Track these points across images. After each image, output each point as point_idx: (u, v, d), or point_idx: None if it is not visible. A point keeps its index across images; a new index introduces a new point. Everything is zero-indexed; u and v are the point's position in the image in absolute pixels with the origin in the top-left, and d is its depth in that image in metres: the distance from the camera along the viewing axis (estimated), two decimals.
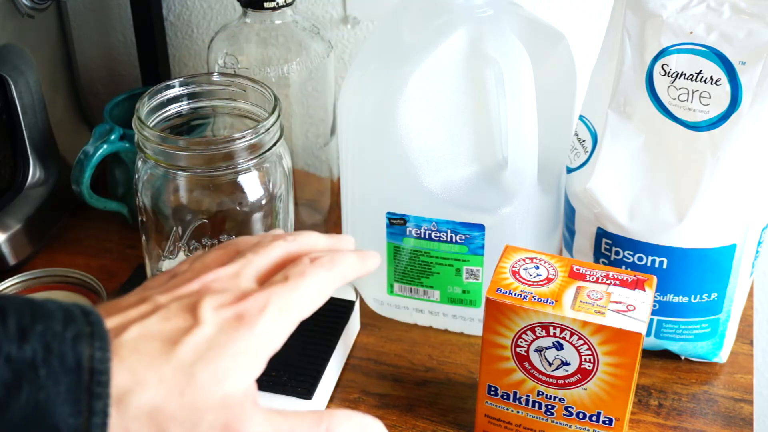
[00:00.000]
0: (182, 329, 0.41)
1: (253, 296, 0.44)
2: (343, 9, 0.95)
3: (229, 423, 0.41)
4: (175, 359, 0.40)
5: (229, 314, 0.43)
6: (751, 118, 0.63)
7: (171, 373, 0.40)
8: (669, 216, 0.66)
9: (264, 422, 0.42)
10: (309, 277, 0.46)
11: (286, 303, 0.44)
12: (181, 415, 0.40)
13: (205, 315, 0.42)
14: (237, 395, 0.41)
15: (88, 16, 1.05)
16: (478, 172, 0.71)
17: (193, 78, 0.67)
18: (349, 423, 0.45)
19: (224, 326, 0.42)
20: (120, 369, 0.39)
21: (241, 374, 0.42)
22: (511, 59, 0.67)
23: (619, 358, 0.59)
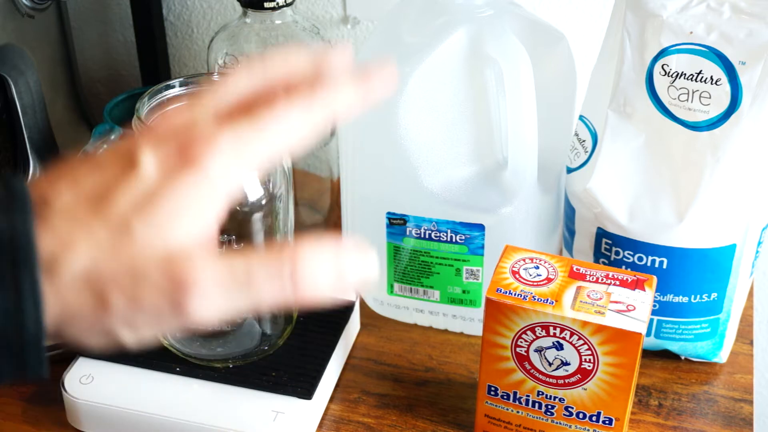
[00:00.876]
0: (118, 182, 0.36)
1: (202, 133, 0.37)
2: (343, 9, 0.95)
3: (176, 276, 0.36)
4: (110, 215, 0.36)
5: (173, 157, 0.36)
6: (751, 118, 0.63)
7: (105, 231, 0.35)
8: (669, 216, 0.66)
9: (216, 267, 0.36)
10: (278, 110, 0.38)
11: (244, 137, 0.37)
12: (121, 274, 0.35)
13: (144, 162, 0.36)
14: (182, 247, 0.36)
15: (88, 16, 1.05)
16: (478, 172, 0.71)
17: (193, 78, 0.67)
18: (319, 250, 0.38)
19: (167, 172, 0.36)
20: (47, 236, 0.35)
21: (186, 223, 0.36)
22: (511, 59, 0.67)
23: (619, 358, 0.59)
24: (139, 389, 0.67)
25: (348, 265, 0.38)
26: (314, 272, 0.37)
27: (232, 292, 0.37)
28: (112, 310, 0.36)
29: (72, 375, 0.68)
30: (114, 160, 0.37)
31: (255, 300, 0.37)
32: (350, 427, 0.69)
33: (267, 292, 0.37)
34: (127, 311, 0.36)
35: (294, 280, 0.37)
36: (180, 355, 0.69)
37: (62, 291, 0.35)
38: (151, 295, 0.36)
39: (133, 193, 0.36)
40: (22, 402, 0.71)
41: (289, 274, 0.37)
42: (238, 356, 0.69)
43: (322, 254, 0.38)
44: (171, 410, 0.66)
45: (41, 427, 0.69)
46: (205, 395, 0.67)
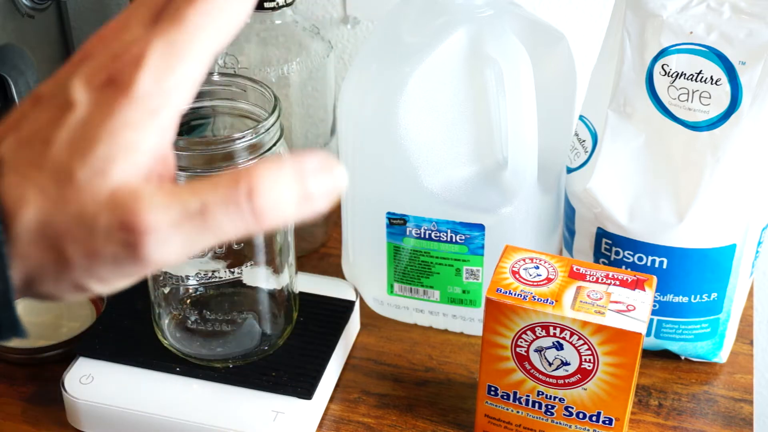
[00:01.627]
0: (54, 120, 0.33)
1: (127, 49, 0.33)
2: (343, 9, 0.95)
3: (125, 221, 0.33)
4: (51, 161, 0.33)
5: (101, 81, 0.33)
6: (751, 118, 0.63)
7: (49, 181, 0.33)
8: (669, 216, 0.66)
9: (167, 206, 0.33)
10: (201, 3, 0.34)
11: (173, 44, 0.33)
12: (72, 226, 0.33)
13: (75, 93, 0.33)
14: (128, 184, 0.33)
15: (88, 16, 1.05)
16: (478, 172, 0.71)
17: None
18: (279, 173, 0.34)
19: (98, 98, 0.33)
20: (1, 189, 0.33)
21: (126, 156, 0.33)
22: (511, 59, 0.67)
23: (619, 358, 0.59)
24: (139, 389, 0.67)
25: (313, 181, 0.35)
26: (275, 195, 0.34)
27: (190, 231, 0.34)
28: (72, 263, 0.34)
29: (72, 375, 0.68)
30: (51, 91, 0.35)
31: (215, 235, 0.34)
32: (350, 427, 0.69)
33: (226, 224, 0.34)
34: (87, 263, 0.34)
35: (254, 207, 0.34)
36: (180, 355, 0.69)
37: (22, 248, 0.33)
38: (105, 244, 0.33)
39: (68, 132, 0.33)
40: (22, 402, 0.71)
41: (248, 201, 0.33)
42: (238, 356, 0.69)
43: (282, 174, 0.34)
44: (171, 410, 0.66)
45: (41, 427, 0.69)
46: (205, 395, 0.67)
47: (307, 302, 0.73)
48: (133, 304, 0.73)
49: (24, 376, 0.73)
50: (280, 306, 0.70)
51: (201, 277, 0.66)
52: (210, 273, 0.65)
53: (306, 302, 0.73)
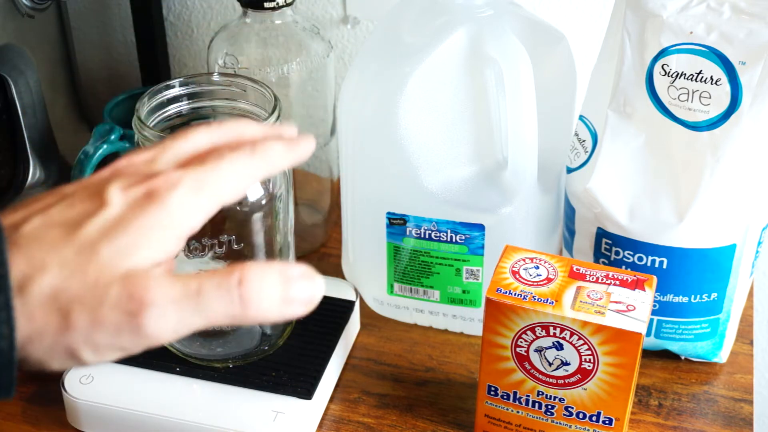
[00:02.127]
0: (87, 212, 0.40)
1: (165, 174, 0.41)
2: (343, 9, 0.95)
3: (134, 292, 0.38)
4: (78, 240, 0.39)
5: (139, 193, 0.40)
6: (751, 118, 0.63)
7: (73, 254, 0.38)
8: (669, 216, 0.66)
9: (171, 285, 0.39)
10: (228, 159, 0.43)
11: (201, 180, 0.42)
12: (85, 293, 0.38)
13: (111, 196, 0.40)
14: (142, 268, 0.39)
15: (88, 16, 1.05)
16: (478, 172, 0.71)
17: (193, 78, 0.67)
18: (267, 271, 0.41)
19: (132, 205, 0.40)
20: (19, 258, 0.38)
21: (147, 249, 0.39)
22: (511, 59, 0.67)
23: (619, 358, 0.59)
24: (139, 389, 0.67)
25: (295, 286, 0.41)
26: (261, 291, 0.40)
27: (186, 309, 0.39)
28: (74, 327, 0.38)
29: (72, 375, 0.68)
30: (83, 193, 0.41)
31: (207, 316, 0.40)
32: (350, 427, 0.69)
33: (217, 308, 0.40)
34: (89, 329, 0.38)
35: (242, 294, 0.40)
36: (180, 355, 0.69)
37: (30, 310, 0.38)
38: (111, 312, 0.38)
39: (100, 222, 0.39)
40: (22, 402, 0.71)
41: (237, 288, 0.40)
42: (238, 356, 0.69)
43: (270, 275, 0.40)
44: (171, 410, 0.66)
45: (41, 427, 0.69)
46: (205, 395, 0.67)
47: None
48: None
49: (24, 376, 0.73)
50: None
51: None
52: None
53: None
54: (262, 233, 0.65)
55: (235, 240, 0.63)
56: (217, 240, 0.63)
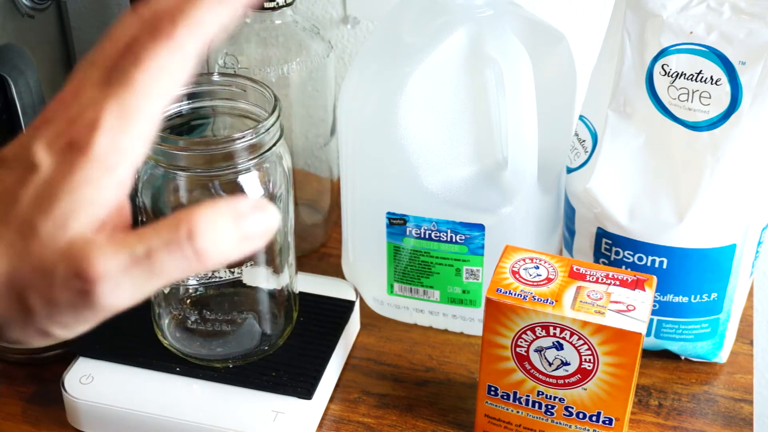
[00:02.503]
0: (19, 181, 0.36)
1: (83, 113, 0.36)
2: (343, 9, 0.95)
3: (79, 269, 0.35)
4: (16, 217, 0.36)
5: (62, 144, 0.36)
6: (751, 118, 0.63)
7: (15, 235, 0.36)
8: (669, 216, 0.66)
9: (116, 253, 0.36)
10: (146, 60, 0.36)
11: (124, 106, 0.36)
12: (34, 277, 0.36)
13: (38, 156, 0.36)
14: (82, 236, 0.36)
15: (88, 16, 1.05)
16: (478, 172, 0.71)
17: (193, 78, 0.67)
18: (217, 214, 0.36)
19: (59, 161, 0.36)
20: None
21: (83, 212, 0.36)
22: (511, 59, 0.67)
23: (619, 358, 0.59)
24: (139, 389, 0.67)
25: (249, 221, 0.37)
26: (214, 235, 0.36)
27: (138, 276, 0.36)
28: (34, 312, 0.37)
29: (72, 375, 0.68)
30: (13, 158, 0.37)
31: (162, 277, 0.36)
32: (350, 427, 0.69)
33: (171, 266, 0.36)
34: (48, 312, 0.37)
35: (195, 248, 0.36)
36: (180, 355, 0.69)
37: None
38: (62, 293, 0.36)
39: (32, 191, 0.36)
40: (22, 402, 0.71)
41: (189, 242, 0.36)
42: (238, 356, 0.69)
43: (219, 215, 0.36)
44: (171, 410, 0.66)
45: (41, 427, 0.69)
46: (205, 395, 0.67)
47: (307, 302, 0.73)
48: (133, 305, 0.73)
49: (24, 376, 0.73)
50: (280, 306, 0.70)
51: (201, 277, 0.66)
52: (210, 273, 0.65)
53: (306, 302, 0.73)
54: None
55: None
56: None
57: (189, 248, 0.36)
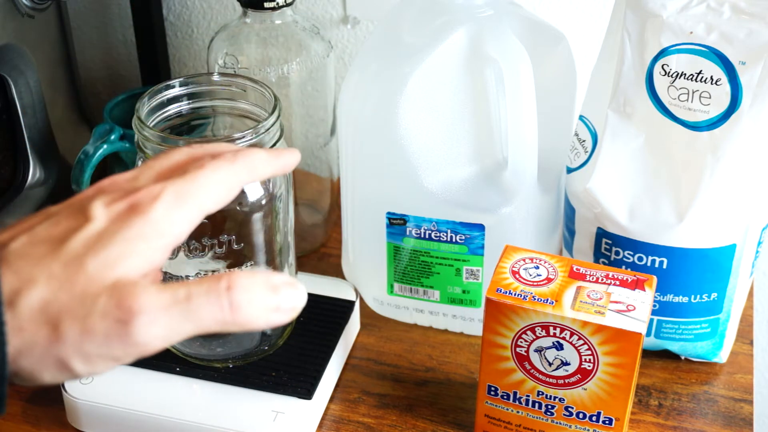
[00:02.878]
0: (71, 228, 0.41)
1: (147, 188, 0.43)
2: (343, 9, 0.95)
3: (122, 301, 0.39)
4: (64, 254, 0.40)
5: (122, 207, 0.42)
6: (751, 118, 0.63)
7: (60, 268, 0.39)
8: (669, 216, 0.66)
9: (159, 293, 0.40)
10: (208, 168, 0.45)
11: (183, 191, 0.43)
12: (73, 304, 0.39)
13: (95, 212, 0.41)
14: (129, 278, 0.40)
15: (88, 16, 1.05)
16: (478, 172, 0.71)
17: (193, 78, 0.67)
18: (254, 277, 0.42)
19: (116, 219, 0.41)
20: (7, 273, 0.39)
21: (133, 259, 0.41)
22: (511, 59, 0.67)
23: (619, 358, 0.59)
24: (139, 389, 0.67)
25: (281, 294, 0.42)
26: (250, 297, 0.41)
27: (175, 316, 0.40)
28: (64, 338, 0.39)
29: None
30: (67, 210, 0.42)
31: (197, 322, 0.40)
32: (350, 427, 0.69)
33: (207, 314, 0.40)
34: (79, 339, 0.39)
35: (231, 299, 0.40)
36: (180, 355, 0.69)
37: (20, 323, 0.39)
38: (100, 321, 0.39)
39: (85, 236, 0.40)
40: (22, 402, 0.71)
41: (226, 293, 0.40)
42: (238, 356, 0.69)
43: (257, 281, 0.41)
44: (171, 410, 0.66)
45: (41, 427, 0.69)
46: (205, 395, 0.67)
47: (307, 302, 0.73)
48: None
49: None
50: None
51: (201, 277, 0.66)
52: (210, 273, 0.65)
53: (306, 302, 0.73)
54: (262, 233, 0.65)
55: (235, 240, 0.63)
56: (217, 240, 0.63)
57: (225, 299, 0.40)
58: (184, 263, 0.64)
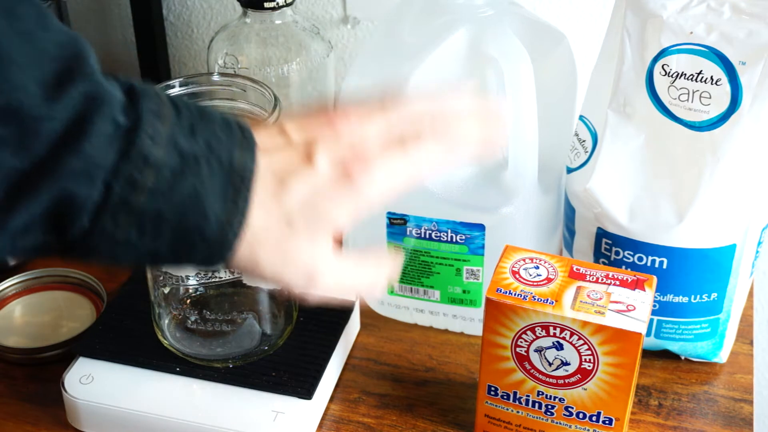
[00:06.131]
0: (298, 171, 0.45)
1: (365, 158, 0.46)
2: (343, 9, 0.95)
3: (312, 274, 0.46)
4: (283, 200, 0.44)
5: (340, 171, 0.45)
6: (751, 118, 0.63)
7: (277, 213, 0.44)
8: (669, 216, 0.66)
9: (337, 271, 0.47)
10: (422, 152, 0.47)
11: (393, 169, 0.47)
12: (275, 251, 0.44)
13: (320, 164, 0.45)
14: (323, 251, 0.46)
15: (88, 16, 1.05)
16: (478, 172, 0.71)
17: (193, 78, 0.67)
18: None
19: (333, 179, 0.45)
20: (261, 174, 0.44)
21: (331, 228, 0.46)
22: (512, 59, 0.67)
23: (619, 358, 0.59)
24: (139, 389, 0.67)
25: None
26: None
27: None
28: (261, 268, 0.45)
29: (72, 375, 0.68)
30: (297, 152, 0.45)
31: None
32: (350, 427, 0.69)
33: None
34: (270, 273, 0.45)
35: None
36: (180, 355, 0.69)
37: (264, 211, 0.44)
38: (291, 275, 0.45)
39: (305, 189, 0.45)
40: (22, 402, 0.71)
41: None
42: (238, 356, 0.69)
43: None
44: (171, 410, 0.66)
45: (41, 427, 0.69)
46: (205, 395, 0.67)
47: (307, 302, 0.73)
48: (133, 304, 0.73)
49: (24, 376, 0.73)
50: (280, 306, 0.70)
51: (201, 277, 0.66)
52: (210, 273, 0.65)
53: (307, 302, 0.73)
54: None
55: None
56: None
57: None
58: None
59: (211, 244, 0.43)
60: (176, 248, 0.42)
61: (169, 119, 0.42)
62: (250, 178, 0.43)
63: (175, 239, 0.42)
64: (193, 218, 0.42)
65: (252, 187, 0.43)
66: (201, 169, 0.42)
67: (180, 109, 0.43)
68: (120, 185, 0.40)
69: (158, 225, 0.41)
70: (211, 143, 0.42)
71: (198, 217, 0.42)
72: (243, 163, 0.43)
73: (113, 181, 0.40)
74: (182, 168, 0.41)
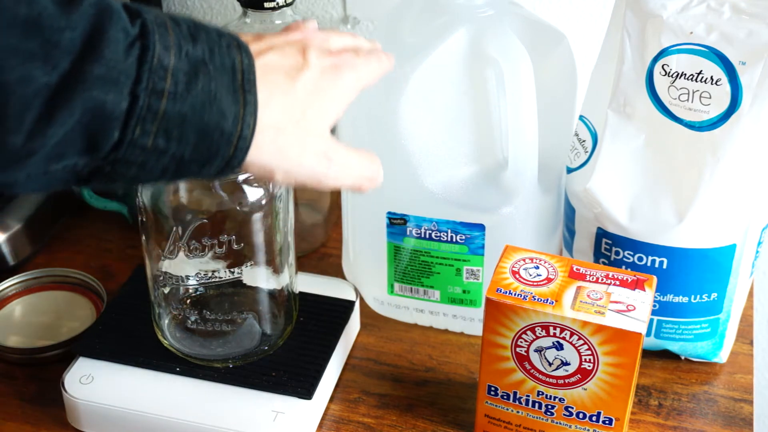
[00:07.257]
0: (296, 67, 0.50)
1: (345, 54, 0.53)
2: (343, 9, 0.95)
3: (327, 150, 0.51)
4: (294, 93, 0.49)
5: (328, 63, 0.51)
6: (751, 118, 0.63)
7: (291, 104, 0.48)
8: (669, 216, 0.66)
9: (345, 155, 0.52)
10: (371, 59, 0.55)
11: (363, 69, 0.53)
12: (295, 137, 0.49)
13: (311, 59, 0.50)
14: (328, 130, 0.51)
15: None
16: (479, 172, 0.71)
17: None
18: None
19: (324, 72, 0.51)
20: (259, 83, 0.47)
21: (332, 115, 0.51)
22: (512, 59, 0.67)
23: (619, 358, 0.59)
24: (139, 389, 0.67)
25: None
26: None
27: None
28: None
29: (72, 375, 0.68)
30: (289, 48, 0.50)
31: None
32: (350, 427, 0.69)
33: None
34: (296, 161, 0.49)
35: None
36: (180, 355, 0.69)
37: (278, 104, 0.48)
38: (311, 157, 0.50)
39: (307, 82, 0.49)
40: (22, 402, 0.71)
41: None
42: (238, 356, 0.69)
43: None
44: (171, 410, 0.66)
45: (41, 427, 0.69)
46: (205, 395, 0.67)
47: (307, 302, 0.73)
48: (133, 304, 0.73)
49: (24, 376, 0.73)
50: (280, 306, 0.70)
51: (201, 277, 0.66)
52: (210, 273, 0.65)
53: (306, 302, 0.73)
54: (262, 233, 0.65)
55: (235, 240, 0.63)
56: (217, 240, 0.63)
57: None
58: (184, 263, 0.64)
59: (231, 141, 0.46)
60: (200, 150, 0.45)
61: (171, 28, 0.44)
62: (253, 77, 0.46)
63: (198, 140, 0.45)
64: (212, 117, 0.44)
65: (255, 84, 0.46)
66: (210, 72, 0.45)
67: (177, 20, 0.46)
68: (144, 93, 0.42)
69: (182, 128, 0.44)
70: (213, 48, 0.45)
71: (217, 115, 0.45)
72: (243, 64, 0.46)
73: (137, 88, 0.42)
74: (195, 71, 0.44)
